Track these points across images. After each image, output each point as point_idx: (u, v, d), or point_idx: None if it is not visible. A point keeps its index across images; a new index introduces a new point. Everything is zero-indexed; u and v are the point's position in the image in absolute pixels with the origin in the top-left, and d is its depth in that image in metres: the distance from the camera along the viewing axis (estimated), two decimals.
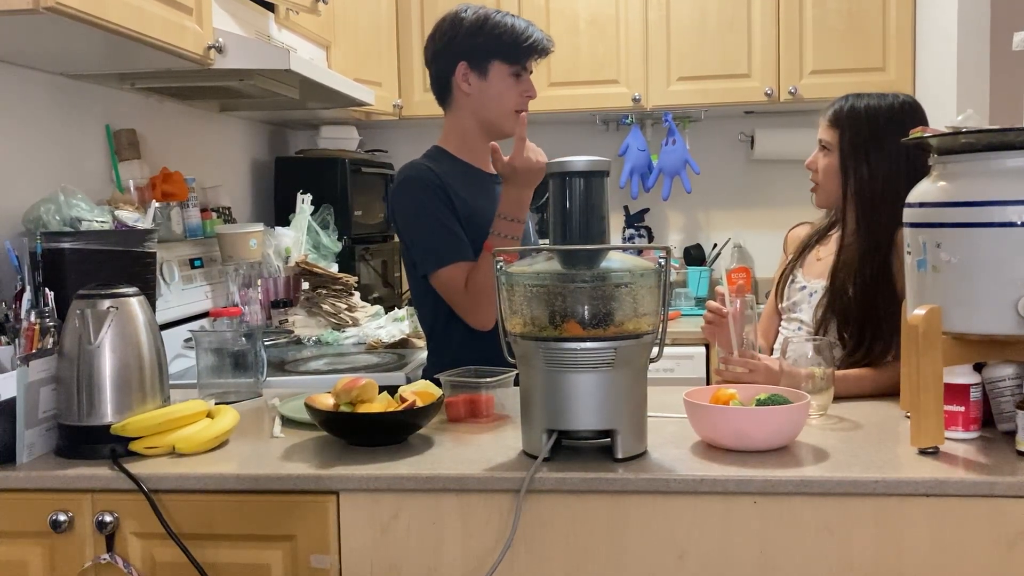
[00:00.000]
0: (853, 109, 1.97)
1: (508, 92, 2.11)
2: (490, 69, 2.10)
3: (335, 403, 1.62)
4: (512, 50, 2.09)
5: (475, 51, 2.09)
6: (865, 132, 1.94)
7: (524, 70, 2.12)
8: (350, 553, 1.48)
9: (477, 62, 2.10)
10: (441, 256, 2.03)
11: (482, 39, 2.09)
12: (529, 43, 2.10)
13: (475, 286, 2.00)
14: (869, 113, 1.96)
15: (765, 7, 3.47)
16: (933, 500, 1.38)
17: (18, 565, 1.52)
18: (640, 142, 3.73)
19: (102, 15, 1.75)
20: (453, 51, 2.11)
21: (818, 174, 2.03)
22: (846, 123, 1.97)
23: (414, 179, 2.08)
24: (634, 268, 1.48)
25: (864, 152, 1.94)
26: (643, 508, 1.43)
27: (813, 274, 2.07)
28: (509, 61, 2.09)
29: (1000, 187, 1.39)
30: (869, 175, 1.93)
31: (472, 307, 2.03)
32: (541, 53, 2.14)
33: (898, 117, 1.94)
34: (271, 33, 2.71)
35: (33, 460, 1.56)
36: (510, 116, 2.11)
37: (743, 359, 1.85)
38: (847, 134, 1.96)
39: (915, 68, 3.43)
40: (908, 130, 1.87)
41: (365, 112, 3.50)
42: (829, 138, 1.99)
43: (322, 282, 3.12)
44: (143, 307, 1.65)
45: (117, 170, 2.53)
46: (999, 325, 1.40)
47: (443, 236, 2.03)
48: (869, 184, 1.93)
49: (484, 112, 2.12)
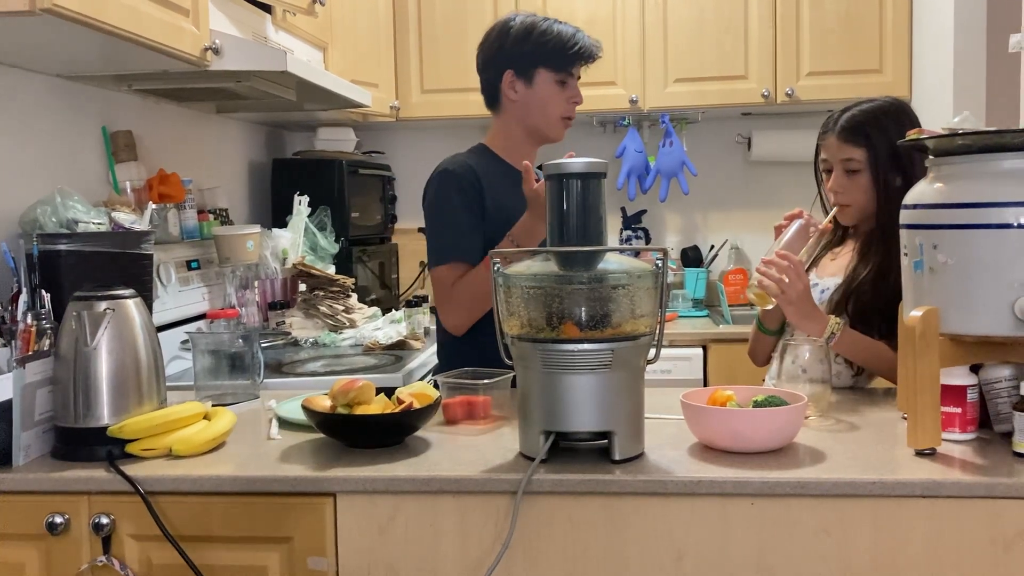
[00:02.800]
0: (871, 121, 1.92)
1: (554, 98, 2.13)
2: (536, 77, 2.12)
3: (332, 405, 1.62)
4: (558, 57, 2.11)
5: (521, 59, 2.12)
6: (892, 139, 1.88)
7: (571, 76, 2.14)
8: (347, 555, 1.48)
9: (523, 69, 2.12)
10: (442, 253, 2.06)
11: (528, 47, 2.11)
12: (575, 50, 2.12)
13: (459, 292, 2.02)
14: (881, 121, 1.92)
15: (762, 9, 3.48)
16: (930, 501, 1.38)
17: (14, 567, 1.52)
18: (637, 143, 3.74)
19: (99, 16, 1.74)
20: (501, 59, 2.14)
21: (844, 194, 1.95)
22: (870, 135, 1.91)
23: (446, 172, 2.11)
24: (631, 270, 1.48)
25: (894, 160, 1.89)
26: (641, 510, 1.43)
27: (828, 272, 2.05)
28: (555, 68, 2.11)
29: (997, 189, 1.40)
30: (903, 182, 1.86)
31: (450, 307, 2.05)
32: (587, 59, 2.15)
33: (898, 115, 1.93)
34: (268, 35, 2.71)
35: (29, 462, 1.56)
36: (556, 122, 2.15)
37: (795, 266, 1.82)
38: (875, 147, 1.91)
39: (911, 70, 3.43)
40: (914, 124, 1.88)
41: (362, 114, 3.50)
42: (854, 155, 1.92)
43: (319, 284, 3.11)
44: (140, 309, 1.65)
45: (114, 172, 2.52)
46: (996, 326, 1.40)
47: (452, 234, 2.06)
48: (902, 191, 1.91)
49: (530, 119, 2.15)
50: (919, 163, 1.87)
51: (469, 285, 2.01)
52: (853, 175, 1.94)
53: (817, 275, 2.07)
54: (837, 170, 1.96)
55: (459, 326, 2.06)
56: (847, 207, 1.97)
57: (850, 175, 1.94)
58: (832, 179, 1.97)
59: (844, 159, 1.94)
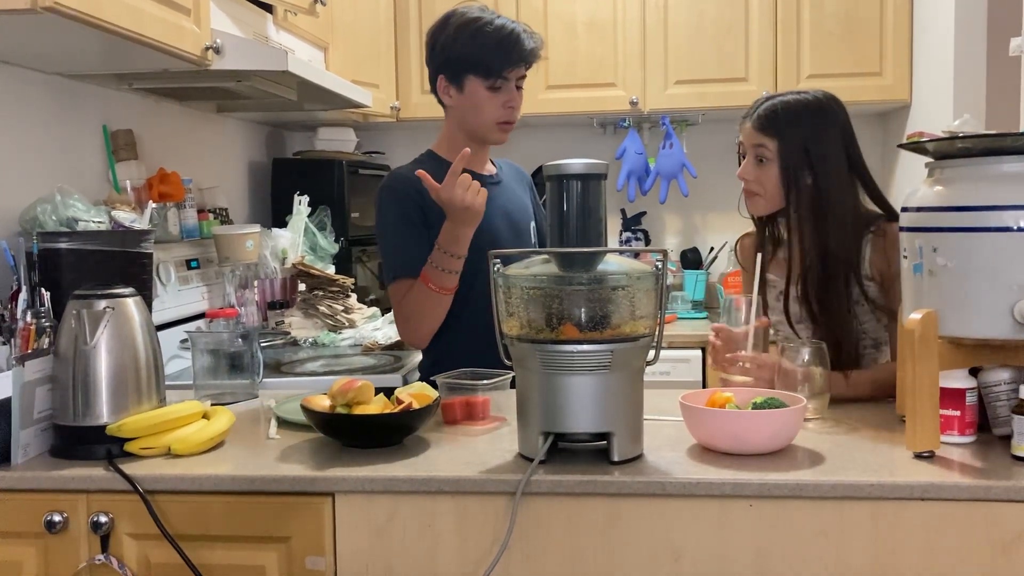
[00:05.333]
0: (789, 114, 1.90)
1: (486, 105, 2.07)
2: (466, 84, 2.07)
3: (331, 405, 1.62)
4: (486, 65, 2.04)
5: (452, 64, 2.07)
6: (806, 135, 1.88)
7: (505, 80, 2.06)
8: (345, 555, 1.48)
9: (454, 75, 2.07)
10: (394, 269, 2.05)
11: (457, 52, 2.05)
12: (504, 56, 2.03)
13: (407, 307, 2.02)
14: (800, 116, 1.89)
15: (762, 10, 3.48)
16: (929, 504, 1.38)
17: (13, 566, 1.52)
18: (637, 145, 3.74)
19: (100, 15, 1.74)
20: (433, 63, 2.11)
21: (753, 182, 1.93)
22: (784, 127, 1.89)
23: (384, 189, 2.11)
24: (631, 271, 1.48)
25: (805, 156, 1.87)
26: (639, 511, 1.43)
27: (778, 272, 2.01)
28: (484, 76, 2.05)
29: (996, 192, 1.40)
30: (813, 182, 1.87)
31: (400, 323, 2.06)
32: (521, 64, 2.07)
33: (820, 113, 1.90)
34: (269, 34, 2.71)
35: (28, 460, 1.56)
36: (492, 128, 2.10)
37: (754, 356, 1.80)
38: (786, 140, 1.88)
39: (912, 72, 3.43)
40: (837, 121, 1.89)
41: (362, 114, 3.50)
42: (766, 144, 1.90)
43: (319, 284, 3.11)
44: (139, 308, 1.65)
45: (114, 170, 2.52)
46: (995, 329, 1.40)
47: (398, 250, 2.05)
48: (811, 190, 1.88)
49: (466, 124, 2.12)
50: (833, 166, 1.87)
51: (411, 300, 2.00)
52: (763, 164, 1.92)
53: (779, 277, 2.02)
54: (748, 156, 1.95)
55: (414, 339, 2.07)
56: (756, 196, 1.95)
57: (760, 164, 1.93)
58: (743, 165, 1.96)
59: (755, 145, 1.93)
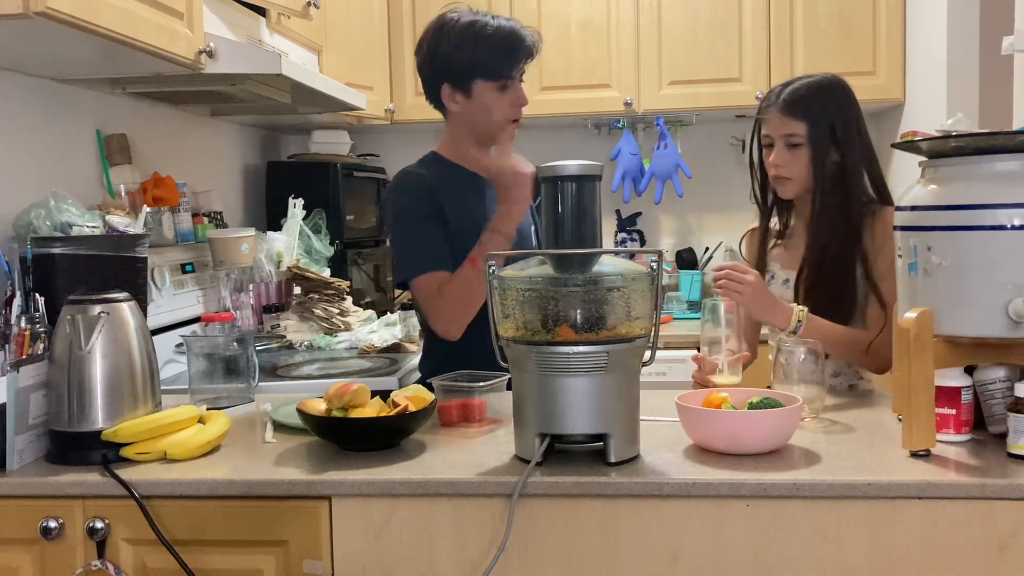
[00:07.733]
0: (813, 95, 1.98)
1: (496, 105, 2.07)
2: (474, 88, 2.06)
3: (327, 408, 1.62)
4: (493, 66, 2.04)
5: (457, 71, 2.05)
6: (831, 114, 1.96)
7: (511, 79, 2.06)
8: (342, 558, 1.47)
9: (460, 81, 2.06)
10: (417, 265, 2.04)
11: (460, 61, 2.04)
12: (510, 55, 2.04)
13: (452, 292, 2.00)
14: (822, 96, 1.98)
15: (756, 11, 3.48)
16: (925, 502, 1.38)
17: (9, 572, 1.52)
18: (632, 146, 3.74)
19: (93, 20, 1.74)
20: (436, 71, 2.08)
21: (785, 168, 1.99)
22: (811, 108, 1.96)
23: (399, 187, 2.10)
24: (626, 272, 1.48)
25: (832, 135, 1.95)
26: (636, 512, 1.43)
27: (789, 265, 2.07)
28: (492, 78, 2.04)
29: (990, 191, 1.40)
30: (839, 159, 1.96)
31: (441, 315, 2.02)
32: (525, 60, 2.08)
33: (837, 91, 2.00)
34: (262, 37, 2.70)
35: (23, 466, 1.55)
36: (503, 127, 2.10)
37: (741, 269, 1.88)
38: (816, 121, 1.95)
39: (905, 72, 3.44)
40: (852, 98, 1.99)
41: (357, 116, 3.50)
42: (796, 130, 1.96)
43: (314, 287, 3.11)
44: (134, 312, 1.64)
45: (108, 175, 2.52)
46: (990, 328, 1.41)
47: (423, 245, 2.04)
48: (837, 168, 1.96)
49: (476, 127, 2.11)
50: (855, 141, 1.97)
51: (459, 286, 1.99)
52: (795, 149, 1.97)
53: (781, 270, 2.09)
54: (779, 145, 1.99)
55: (455, 331, 2.04)
56: (787, 180, 2.00)
57: (792, 149, 1.98)
58: (774, 154, 2.00)
59: (786, 134, 1.98)
